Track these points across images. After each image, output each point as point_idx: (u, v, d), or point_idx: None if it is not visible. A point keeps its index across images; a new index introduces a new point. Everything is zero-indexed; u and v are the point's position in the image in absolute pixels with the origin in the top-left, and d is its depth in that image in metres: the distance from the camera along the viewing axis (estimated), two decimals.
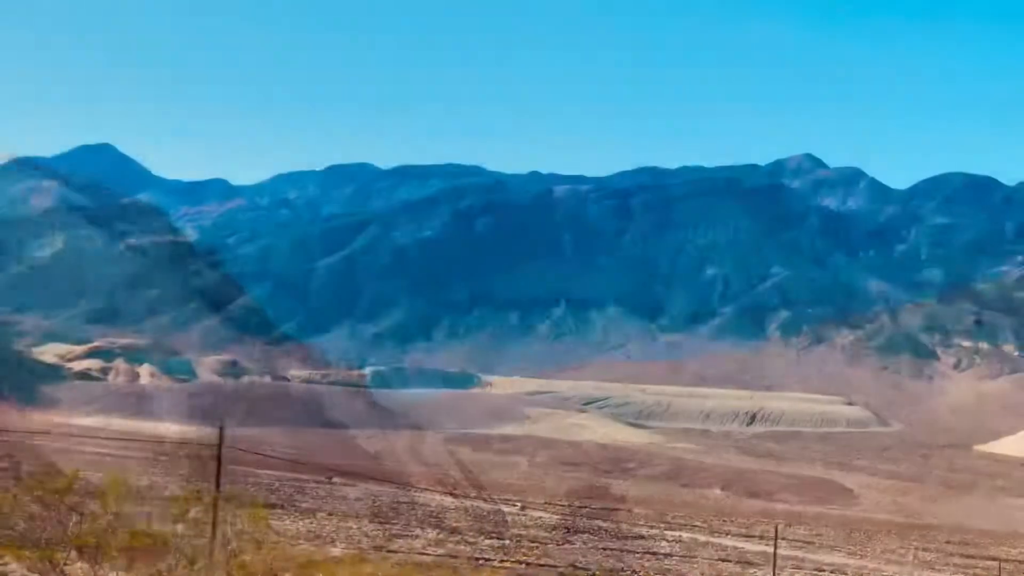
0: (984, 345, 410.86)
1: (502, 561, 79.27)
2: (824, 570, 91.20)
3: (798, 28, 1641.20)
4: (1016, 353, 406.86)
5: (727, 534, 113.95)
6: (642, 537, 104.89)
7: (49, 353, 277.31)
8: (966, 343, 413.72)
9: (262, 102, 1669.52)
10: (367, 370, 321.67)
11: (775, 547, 65.93)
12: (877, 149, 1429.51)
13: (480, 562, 74.97)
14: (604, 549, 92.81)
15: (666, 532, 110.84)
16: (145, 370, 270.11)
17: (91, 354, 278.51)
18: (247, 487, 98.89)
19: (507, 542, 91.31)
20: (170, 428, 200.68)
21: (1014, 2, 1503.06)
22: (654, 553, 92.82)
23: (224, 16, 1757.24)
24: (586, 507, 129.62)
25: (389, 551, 73.13)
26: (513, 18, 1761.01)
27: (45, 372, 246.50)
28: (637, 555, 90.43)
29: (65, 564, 21.12)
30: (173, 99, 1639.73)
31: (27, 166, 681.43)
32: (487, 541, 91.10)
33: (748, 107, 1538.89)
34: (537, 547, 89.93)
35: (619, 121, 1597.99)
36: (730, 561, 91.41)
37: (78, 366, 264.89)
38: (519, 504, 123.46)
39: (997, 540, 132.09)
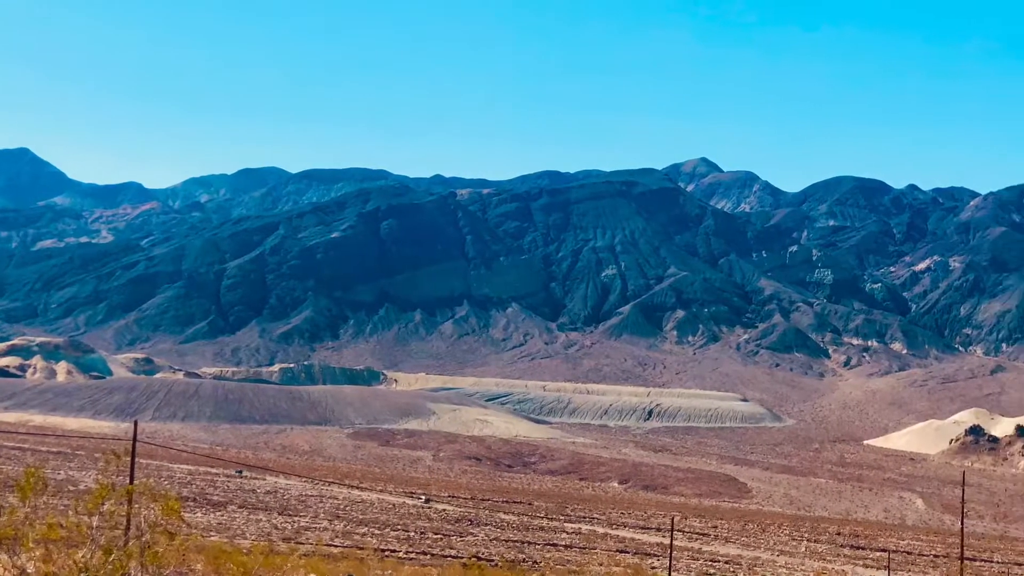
0: (873, 343, 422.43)
1: (407, 552, 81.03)
2: (719, 561, 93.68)
3: (693, 37, 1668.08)
4: (904, 351, 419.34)
5: (625, 526, 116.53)
6: (543, 529, 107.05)
7: None
8: (856, 341, 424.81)
9: (175, 108, 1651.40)
10: (276, 367, 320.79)
11: (671, 538, 68.76)
12: (770, 153, 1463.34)
13: (386, 553, 76.49)
14: (506, 541, 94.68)
15: (566, 524, 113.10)
16: (62, 367, 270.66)
17: (9, 352, 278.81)
18: (160, 480, 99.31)
19: (412, 534, 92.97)
20: (86, 423, 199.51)
21: (901, 13, 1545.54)
22: (555, 545, 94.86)
23: (139, 26, 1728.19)
24: (489, 500, 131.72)
25: (297, 543, 74.29)
26: (416, 26, 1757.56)
27: None
28: (538, 547, 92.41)
29: None
30: (89, 104, 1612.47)
31: None
32: (393, 533, 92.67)
33: (645, 113, 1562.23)
34: (441, 539, 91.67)
35: (520, 126, 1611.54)
36: (628, 552, 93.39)
37: None
38: (423, 497, 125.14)
39: (886, 531, 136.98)
